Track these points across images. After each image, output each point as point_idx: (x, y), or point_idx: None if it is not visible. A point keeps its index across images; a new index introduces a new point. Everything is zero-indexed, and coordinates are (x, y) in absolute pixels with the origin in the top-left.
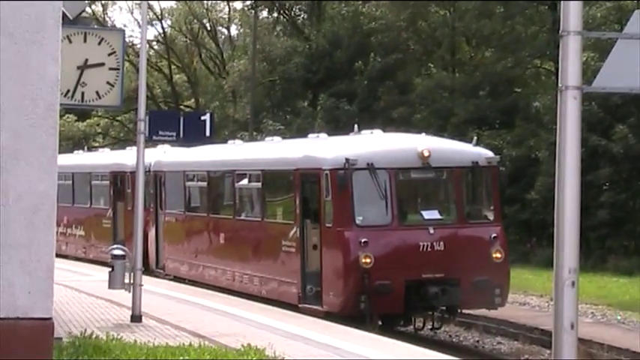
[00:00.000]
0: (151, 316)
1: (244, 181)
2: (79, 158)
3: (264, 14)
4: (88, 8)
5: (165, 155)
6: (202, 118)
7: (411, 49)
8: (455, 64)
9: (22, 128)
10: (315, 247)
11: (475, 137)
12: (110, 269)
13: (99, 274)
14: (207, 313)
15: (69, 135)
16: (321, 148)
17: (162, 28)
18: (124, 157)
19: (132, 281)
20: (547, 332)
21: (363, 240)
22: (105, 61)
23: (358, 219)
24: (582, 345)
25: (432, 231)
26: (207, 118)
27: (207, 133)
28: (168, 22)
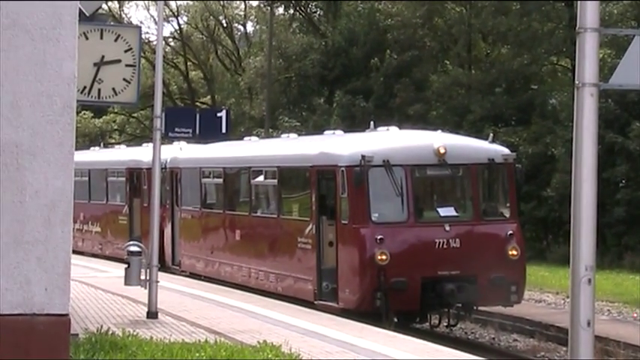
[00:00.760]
0: (167, 313)
1: (260, 178)
2: (95, 155)
3: (281, 11)
4: (104, 5)
5: (182, 152)
6: (218, 114)
7: (427, 45)
8: (471, 61)
9: (39, 125)
10: (331, 243)
11: (491, 134)
12: (126, 266)
13: (115, 270)
14: (223, 310)
15: (85, 132)
16: (337, 145)
17: (179, 24)
18: (140, 154)
19: (148, 278)
20: (563, 330)
21: (379, 237)
22: (121, 58)
23: (374, 216)
24: (598, 342)
25: (448, 228)
26: (223, 114)
27: (223, 130)
28: (184, 18)
